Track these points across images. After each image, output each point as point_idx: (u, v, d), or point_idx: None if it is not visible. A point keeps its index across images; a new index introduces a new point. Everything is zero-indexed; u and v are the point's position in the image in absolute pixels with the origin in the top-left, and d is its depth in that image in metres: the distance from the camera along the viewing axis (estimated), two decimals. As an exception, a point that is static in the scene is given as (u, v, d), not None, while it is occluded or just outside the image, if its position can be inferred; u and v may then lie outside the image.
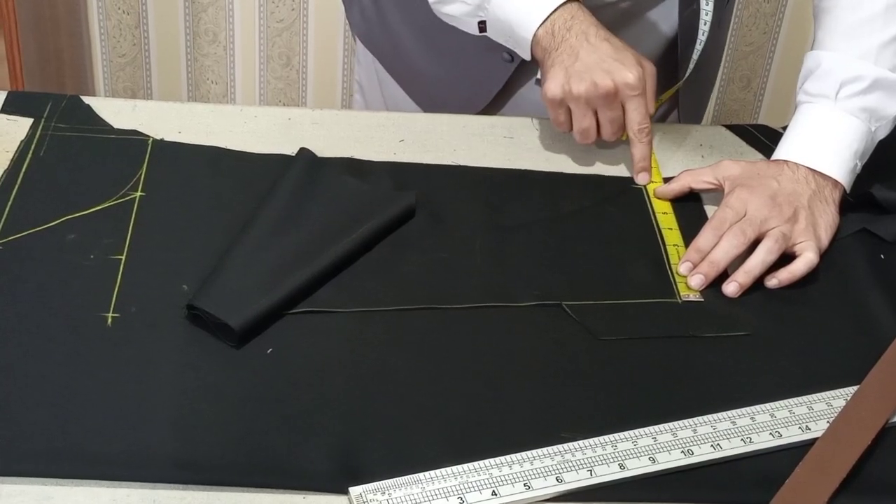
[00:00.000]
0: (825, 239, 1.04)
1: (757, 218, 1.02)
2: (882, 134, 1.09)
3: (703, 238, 1.02)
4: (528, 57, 1.13)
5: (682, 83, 1.22)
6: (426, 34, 1.26)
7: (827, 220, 1.05)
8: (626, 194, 1.10)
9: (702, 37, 1.17)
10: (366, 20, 1.35)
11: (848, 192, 1.08)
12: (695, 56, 1.18)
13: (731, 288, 0.99)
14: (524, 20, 1.11)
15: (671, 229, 1.06)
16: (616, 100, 1.08)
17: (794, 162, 1.06)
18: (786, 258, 1.02)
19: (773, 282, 1.00)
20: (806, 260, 1.01)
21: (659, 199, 1.10)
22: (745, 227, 1.01)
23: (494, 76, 1.24)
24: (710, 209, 1.09)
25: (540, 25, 1.10)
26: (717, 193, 1.08)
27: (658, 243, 1.04)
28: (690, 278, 1.00)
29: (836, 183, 1.06)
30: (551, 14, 1.10)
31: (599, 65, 1.07)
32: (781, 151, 1.08)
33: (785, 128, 1.16)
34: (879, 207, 1.09)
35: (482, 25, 1.15)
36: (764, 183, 1.05)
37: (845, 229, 1.07)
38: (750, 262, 1.00)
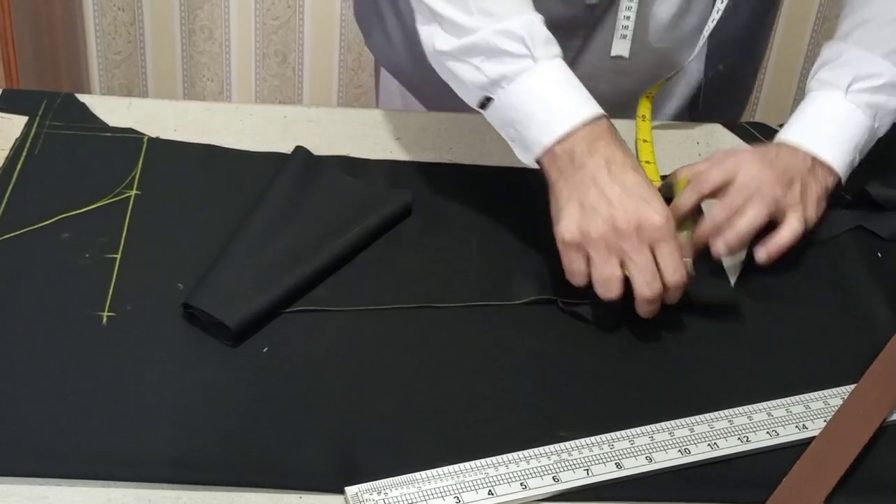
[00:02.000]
0: (813, 214, 1.02)
1: (752, 184, 0.99)
2: (882, 131, 1.09)
3: (685, 199, 1.00)
4: (527, 161, 0.98)
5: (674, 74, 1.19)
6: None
7: (818, 197, 1.03)
8: None
9: (711, 24, 1.12)
10: (390, 44, 1.26)
11: (843, 184, 1.06)
12: (701, 42, 1.13)
13: (718, 246, 0.97)
14: (545, 123, 0.95)
15: (648, 163, 1.07)
16: (642, 243, 0.91)
17: (794, 144, 1.05)
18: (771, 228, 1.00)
19: (761, 255, 0.98)
20: (791, 229, 0.99)
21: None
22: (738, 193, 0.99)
23: None
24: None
25: (561, 139, 0.94)
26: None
27: None
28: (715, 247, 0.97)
29: (831, 171, 1.04)
30: (578, 129, 0.94)
31: (622, 202, 0.92)
32: (784, 134, 1.06)
33: (782, 125, 1.16)
34: (875, 205, 1.09)
35: (484, 102, 0.99)
36: (761, 152, 1.03)
37: (841, 226, 1.07)
38: (740, 221, 0.98)
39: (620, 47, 1.13)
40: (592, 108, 0.96)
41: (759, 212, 0.98)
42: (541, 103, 0.96)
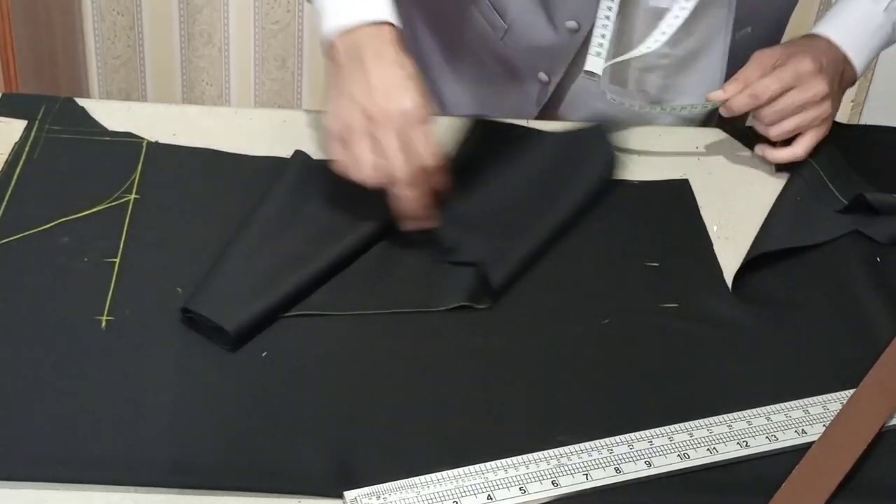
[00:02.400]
0: (827, 129, 1.13)
1: (798, 73, 1.10)
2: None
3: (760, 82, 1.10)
4: (323, 54, 1.02)
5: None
6: (456, 61, 1.25)
7: (835, 111, 1.14)
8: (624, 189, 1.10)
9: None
10: None
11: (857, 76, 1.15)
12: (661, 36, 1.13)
13: (727, 94, 1.10)
14: (331, 18, 1.00)
15: None
16: (390, 129, 0.94)
17: (825, 40, 1.14)
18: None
19: (758, 150, 1.13)
20: (804, 145, 1.12)
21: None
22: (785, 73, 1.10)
23: (527, 103, 1.22)
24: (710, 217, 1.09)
25: (342, 33, 0.99)
26: (719, 203, 1.08)
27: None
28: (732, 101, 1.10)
29: (852, 76, 1.15)
30: (362, 27, 0.98)
31: (376, 91, 0.95)
32: (820, 26, 1.15)
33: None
34: (872, 210, 1.09)
35: None
36: (805, 56, 1.11)
37: (839, 230, 1.07)
38: (758, 85, 1.10)
39: (593, 64, 1.14)
40: (382, 12, 0.99)
41: (785, 88, 1.10)
42: None
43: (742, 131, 1.21)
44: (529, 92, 1.22)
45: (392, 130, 0.94)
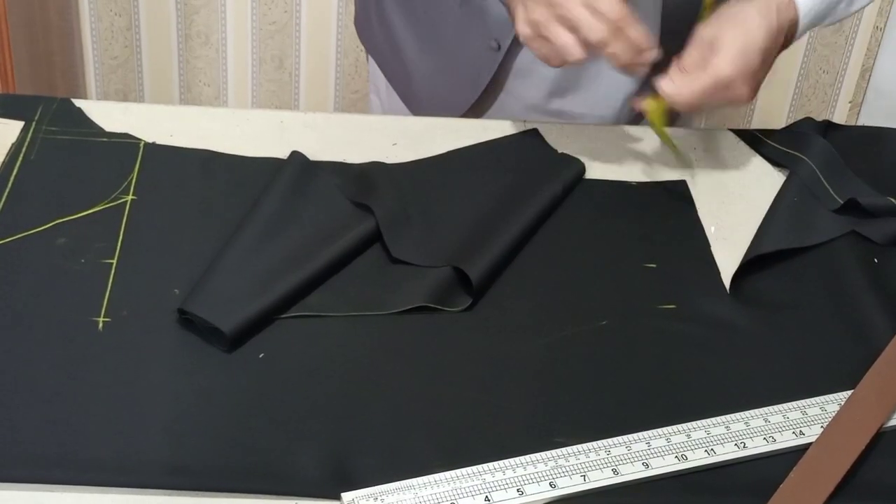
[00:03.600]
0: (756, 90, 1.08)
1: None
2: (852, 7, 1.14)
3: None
4: None
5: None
6: (417, 23, 1.27)
7: (768, 66, 1.08)
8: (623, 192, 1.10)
9: None
10: (364, 11, 1.36)
11: (797, 31, 1.10)
12: None
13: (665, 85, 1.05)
14: None
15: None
16: (572, 1, 1.01)
17: None
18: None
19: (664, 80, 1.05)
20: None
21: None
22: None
23: (482, 68, 1.24)
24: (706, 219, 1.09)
25: None
26: (714, 207, 1.08)
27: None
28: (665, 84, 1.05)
29: (794, 18, 1.09)
30: None
31: None
32: None
33: (773, 130, 1.17)
34: (866, 213, 1.09)
35: None
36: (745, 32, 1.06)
37: (835, 231, 1.07)
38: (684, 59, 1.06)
39: None
40: None
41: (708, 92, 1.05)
42: None
43: (741, 132, 1.21)
44: (481, 61, 1.24)
45: (573, 1, 1.01)
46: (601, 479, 0.81)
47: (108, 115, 1.13)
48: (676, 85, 1.05)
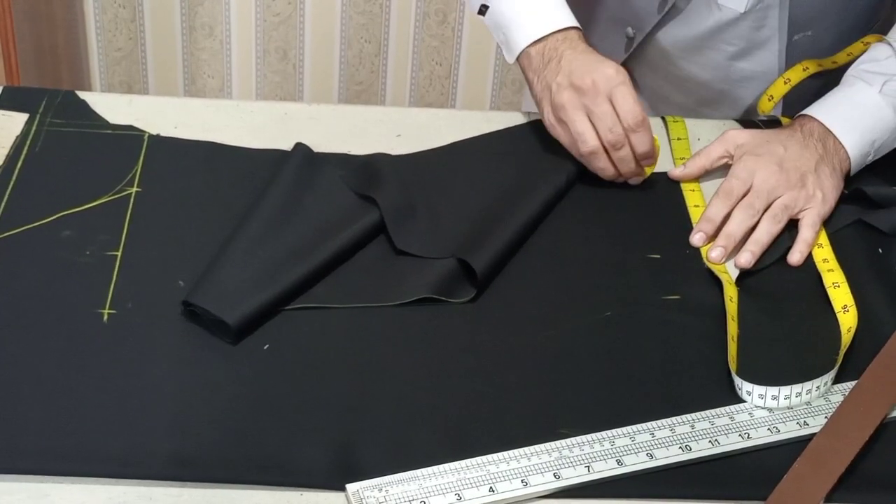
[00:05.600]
0: (831, 201, 1.06)
1: (764, 189, 1.04)
2: None
3: (714, 208, 1.04)
4: (510, 61, 1.13)
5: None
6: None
7: (833, 183, 1.06)
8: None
9: None
10: None
11: (852, 173, 1.09)
12: None
13: (744, 258, 1.01)
14: (521, 30, 1.11)
15: (698, 206, 1.08)
16: (599, 95, 1.05)
17: (812, 121, 1.08)
18: (794, 222, 1.05)
19: (795, 257, 1.02)
20: (810, 225, 1.03)
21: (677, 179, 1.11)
22: (754, 200, 1.03)
23: (613, 51, 1.24)
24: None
25: (534, 43, 1.10)
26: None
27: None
28: (710, 251, 1.01)
29: (845, 156, 1.07)
30: (552, 34, 1.10)
31: (577, 70, 1.06)
32: (808, 109, 1.10)
33: (778, 121, 1.16)
34: (872, 202, 1.09)
35: (483, 10, 1.15)
36: (771, 150, 1.06)
37: (841, 221, 1.07)
38: (758, 232, 1.02)
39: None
40: (567, 18, 1.11)
41: (775, 222, 1.03)
42: (523, 9, 1.12)
43: (746, 123, 1.21)
44: (616, 43, 1.25)
45: (601, 94, 1.05)
46: (605, 469, 0.81)
47: (112, 107, 1.14)
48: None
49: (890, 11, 1.24)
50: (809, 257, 1.03)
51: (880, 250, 1.05)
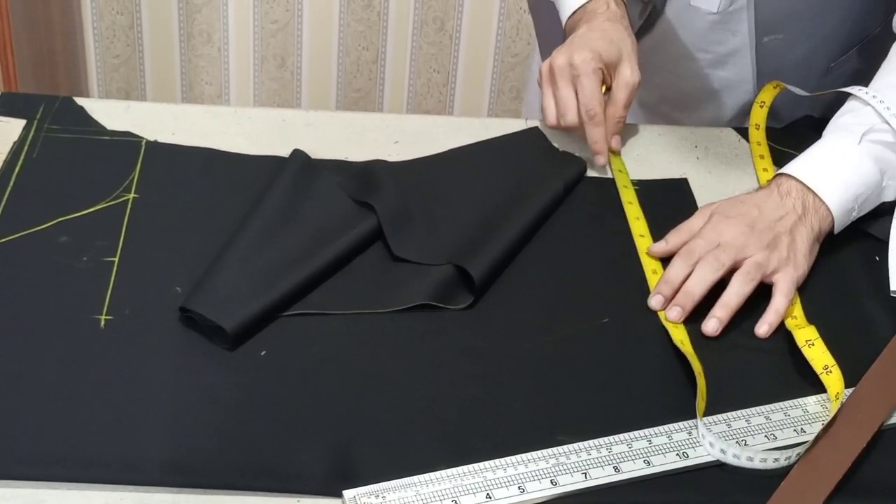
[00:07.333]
0: (804, 266, 0.99)
1: (733, 245, 0.97)
2: (890, 195, 1.05)
3: (674, 269, 0.97)
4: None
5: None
6: None
7: (808, 247, 0.99)
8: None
9: None
10: None
11: (835, 232, 1.03)
12: None
13: (710, 325, 0.94)
14: (564, 3, 1.18)
15: (643, 236, 1.04)
16: (564, 78, 1.11)
17: (789, 180, 1.02)
18: (766, 287, 0.97)
19: (763, 329, 0.95)
20: (783, 293, 0.96)
21: (652, 256, 1.01)
22: (720, 254, 0.96)
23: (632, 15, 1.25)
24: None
25: (572, 14, 1.17)
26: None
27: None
28: (668, 311, 0.95)
29: (827, 214, 1.01)
30: (585, 4, 1.16)
31: (567, 46, 1.12)
32: (787, 168, 1.04)
33: (774, 128, 1.17)
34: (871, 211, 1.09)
35: None
36: (744, 211, 1.00)
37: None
38: (726, 295, 0.95)
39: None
40: None
41: (745, 283, 0.95)
42: None
43: (743, 130, 1.21)
44: (632, 7, 1.23)
45: (565, 78, 1.11)
46: (602, 476, 0.81)
47: (110, 113, 1.14)
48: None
49: (882, 30, 1.20)
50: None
51: (877, 258, 1.05)
